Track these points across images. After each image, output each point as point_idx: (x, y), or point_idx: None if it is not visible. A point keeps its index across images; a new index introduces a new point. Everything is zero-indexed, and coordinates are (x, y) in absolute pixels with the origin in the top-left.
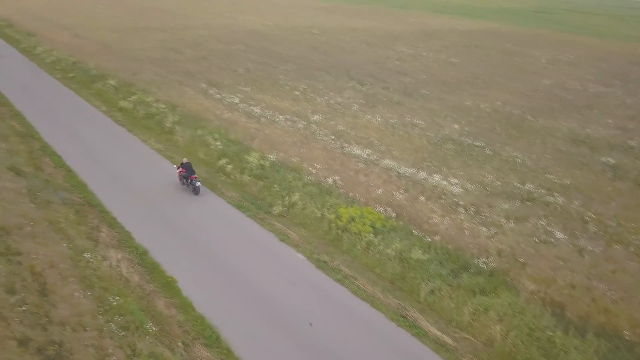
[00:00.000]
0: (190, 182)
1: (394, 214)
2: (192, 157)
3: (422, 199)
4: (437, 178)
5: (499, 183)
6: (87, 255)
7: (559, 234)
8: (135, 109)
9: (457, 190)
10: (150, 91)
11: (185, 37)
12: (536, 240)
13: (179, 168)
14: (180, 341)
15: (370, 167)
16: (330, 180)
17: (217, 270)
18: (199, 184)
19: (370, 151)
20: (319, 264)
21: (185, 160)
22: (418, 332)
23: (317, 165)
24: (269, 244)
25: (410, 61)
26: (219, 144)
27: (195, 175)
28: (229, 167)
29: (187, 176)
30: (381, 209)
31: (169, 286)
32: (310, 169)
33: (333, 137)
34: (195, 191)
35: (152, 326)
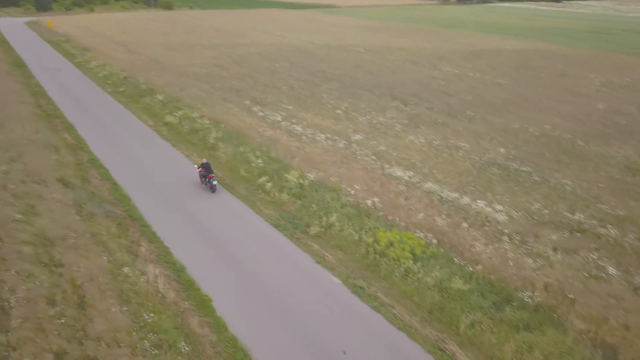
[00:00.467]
0: (208, 180)
1: (434, 240)
2: (233, 173)
3: (465, 225)
4: (481, 204)
5: (546, 211)
6: (126, 269)
7: (611, 269)
8: (181, 124)
9: (502, 218)
10: (195, 107)
11: (233, 54)
12: (586, 275)
13: (199, 167)
14: None
15: (411, 189)
16: (369, 202)
17: (252, 290)
18: (215, 182)
19: (412, 173)
20: (354, 289)
21: (205, 160)
22: None
23: (356, 186)
24: (305, 265)
25: (456, 81)
26: (260, 161)
27: (213, 175)
28: (269, 185)
29: (205, 175)
30: (421, 235)
31: (203, 304)
32: (349, 189)
33: (374, 158)
34: (212, 189)
35: (184, 346)
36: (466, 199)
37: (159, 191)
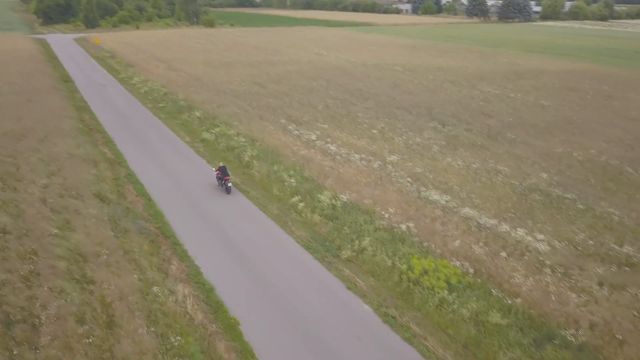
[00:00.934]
0: (224, 182)
1: (471, 270)
2: (266, 192)
3: (504, 254)
4: (521, 232)
5: (591, 242)
6: (155, 288)
7: None
8: (217, 141)
9: (543, 248)
10: (232, 124)
11: (271, 72)
12: (636, 313)
13: (216, 170)
14: None
15: (448, 215)
16: (404, 227)
17: (280, 314)
18: (230, 184)
19: (449, 197)
20: (386, 318)
21: (222, 164)
22: None
23: (390, 209)
24: (335, 290)
25: (496, 102)
26: (293, 180)
27: (229, 177)
28: (301, 205)
29: (221, 177)
30: (458, 263)
31: (231, 328)
32: (383, 212)
33: (409, 180)
34: (227, 190)
35: None
36: (505, 227)
37: (193, 208)
